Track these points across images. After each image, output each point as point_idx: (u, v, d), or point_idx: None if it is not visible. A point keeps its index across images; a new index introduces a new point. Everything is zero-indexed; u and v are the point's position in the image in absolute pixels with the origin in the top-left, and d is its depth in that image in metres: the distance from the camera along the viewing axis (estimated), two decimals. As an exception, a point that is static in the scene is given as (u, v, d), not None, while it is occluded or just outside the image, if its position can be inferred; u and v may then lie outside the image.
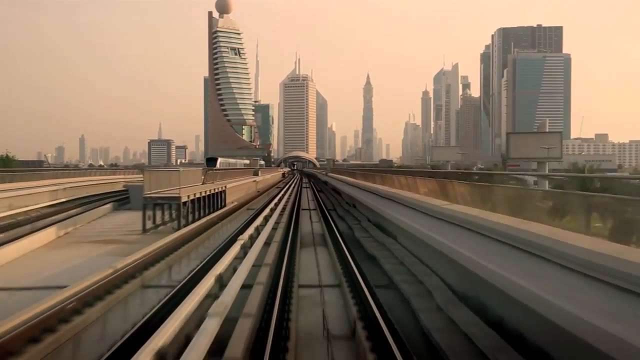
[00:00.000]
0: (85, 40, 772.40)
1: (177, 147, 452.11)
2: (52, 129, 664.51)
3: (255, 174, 59.13)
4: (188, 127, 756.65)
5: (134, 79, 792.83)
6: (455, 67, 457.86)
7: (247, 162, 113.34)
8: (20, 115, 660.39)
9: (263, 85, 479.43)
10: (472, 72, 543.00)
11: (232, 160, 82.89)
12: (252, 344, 7.47)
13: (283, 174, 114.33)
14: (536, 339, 6.91)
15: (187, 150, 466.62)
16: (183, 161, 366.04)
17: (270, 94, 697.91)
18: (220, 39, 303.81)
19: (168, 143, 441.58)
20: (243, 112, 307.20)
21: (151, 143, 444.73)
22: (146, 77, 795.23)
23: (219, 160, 74.61)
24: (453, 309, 8.83)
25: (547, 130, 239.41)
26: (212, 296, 9.46)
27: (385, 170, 50.14)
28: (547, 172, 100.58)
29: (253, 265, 12.15)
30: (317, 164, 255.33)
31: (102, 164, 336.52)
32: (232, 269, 11.75)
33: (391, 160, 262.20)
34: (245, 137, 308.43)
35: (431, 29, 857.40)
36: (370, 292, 10.26)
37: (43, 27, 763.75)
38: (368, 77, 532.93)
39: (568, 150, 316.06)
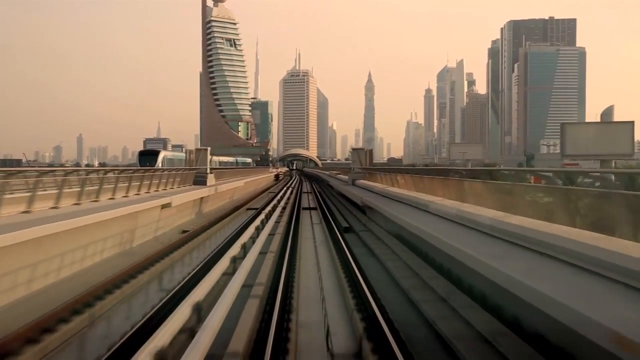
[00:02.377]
0: (85, 39, 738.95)
1: (173, 146, 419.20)
2: (51, 128, 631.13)
3: (198, 182, 26.70)
4: (187, 126, 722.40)
5: (133, 78, 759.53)
6: (460, 63, 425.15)
7: (230, 159, 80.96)
8: (19, 114, 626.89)
9: (263, 84, 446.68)
10: (477, 69, 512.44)
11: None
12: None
13: (276, 176, 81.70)
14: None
15: (184, 149, 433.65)
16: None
17: (270, 93, 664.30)
18: (214, 29, 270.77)
19: (164, 142, 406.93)
20: (239, 107, 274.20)
21: (146, 142, 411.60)
22: (145, 76, 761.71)
23: (162, 155, 42.51)
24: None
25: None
26: None
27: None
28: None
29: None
30: (319, 162, 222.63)
31: (97, 163, 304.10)
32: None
33: (401, 160, 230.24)
34: (241, 135, 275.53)
35: (434, 26, 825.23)
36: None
37: (41, 26, 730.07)
38: (370, 75, 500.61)
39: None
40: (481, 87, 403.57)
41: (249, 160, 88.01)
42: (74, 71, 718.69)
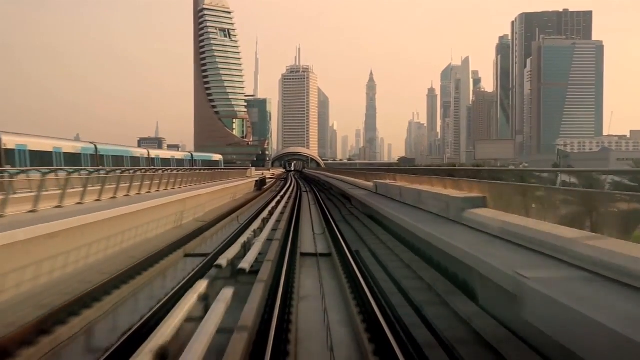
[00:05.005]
0: (84, 37, 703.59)
1: (169, 146, 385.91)
2: (48, 126, 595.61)
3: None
4: (186, 127, 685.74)
5: (132, 77, 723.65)
6: (466, 61, 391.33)
7: (180, 156, 47.51)
8: (16, 113, 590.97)
9: (262, 84, 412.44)
10: (483, 66, 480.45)
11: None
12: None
13: (260, 183, 47.64)
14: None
15: (180, 148, 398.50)
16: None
17: (269, 93, 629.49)
18: (207, 18, 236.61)
19: (159, 141, 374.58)
20: (234, 103, 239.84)
21: (141, 141, 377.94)
22: (145, 76, 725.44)
23: None
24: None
25: None
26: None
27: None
28: None
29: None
30: (322, 162, 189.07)
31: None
32: None
33: (413, 160, 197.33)
34: (236, 133, 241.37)
35: (437, 24, 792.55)
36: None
37: (39, 24, 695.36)
38: (371, 74, 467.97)
39: (611, 146, 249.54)
40: (488, 85, 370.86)
41: (217, 157, 53.87)
42: (73, 70, 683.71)
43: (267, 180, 55.28)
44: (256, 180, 44.79)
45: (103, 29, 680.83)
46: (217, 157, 53.57)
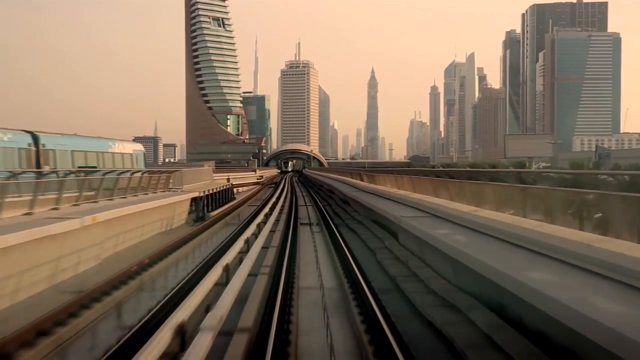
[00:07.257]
0: (82, 36, 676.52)
1: (164, 145, 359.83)
2: (46, 126, 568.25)
3: None
4: (184, 126, 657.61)
5: (132, 77, 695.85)
6: (471, 57, 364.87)
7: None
8: (13, 112, 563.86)
9: (260, 83, 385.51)
10: (488, 63, 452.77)
11: None
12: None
13: (204, 203, 21.53)
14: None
15: (177, 148, 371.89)
16: (172, 160, 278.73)
17: (267, 93, 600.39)
18: (199, 7, 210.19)
19: (155, 140, 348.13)
20: (228, 97, 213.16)
21: (136, 141, 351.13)
22: (144, 75, 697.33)
23: None
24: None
25: None
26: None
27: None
28: None
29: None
30: (324, 161, 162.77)
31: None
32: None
33: (427, 157, 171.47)
34: (231, 130, 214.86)
35: (439, 21, 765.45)
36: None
37: (37, 23, 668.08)
38: (373, 72, 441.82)
39: (632, 145, 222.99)
40: (494, 82, 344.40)
41: (129, 150, 26.02)
42: (73, 70, 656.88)
43: (238, 190, 29.00)
44: (192, 199, 18.36)
45: (102, 29, 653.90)
46: (129, 149, 25.45)
